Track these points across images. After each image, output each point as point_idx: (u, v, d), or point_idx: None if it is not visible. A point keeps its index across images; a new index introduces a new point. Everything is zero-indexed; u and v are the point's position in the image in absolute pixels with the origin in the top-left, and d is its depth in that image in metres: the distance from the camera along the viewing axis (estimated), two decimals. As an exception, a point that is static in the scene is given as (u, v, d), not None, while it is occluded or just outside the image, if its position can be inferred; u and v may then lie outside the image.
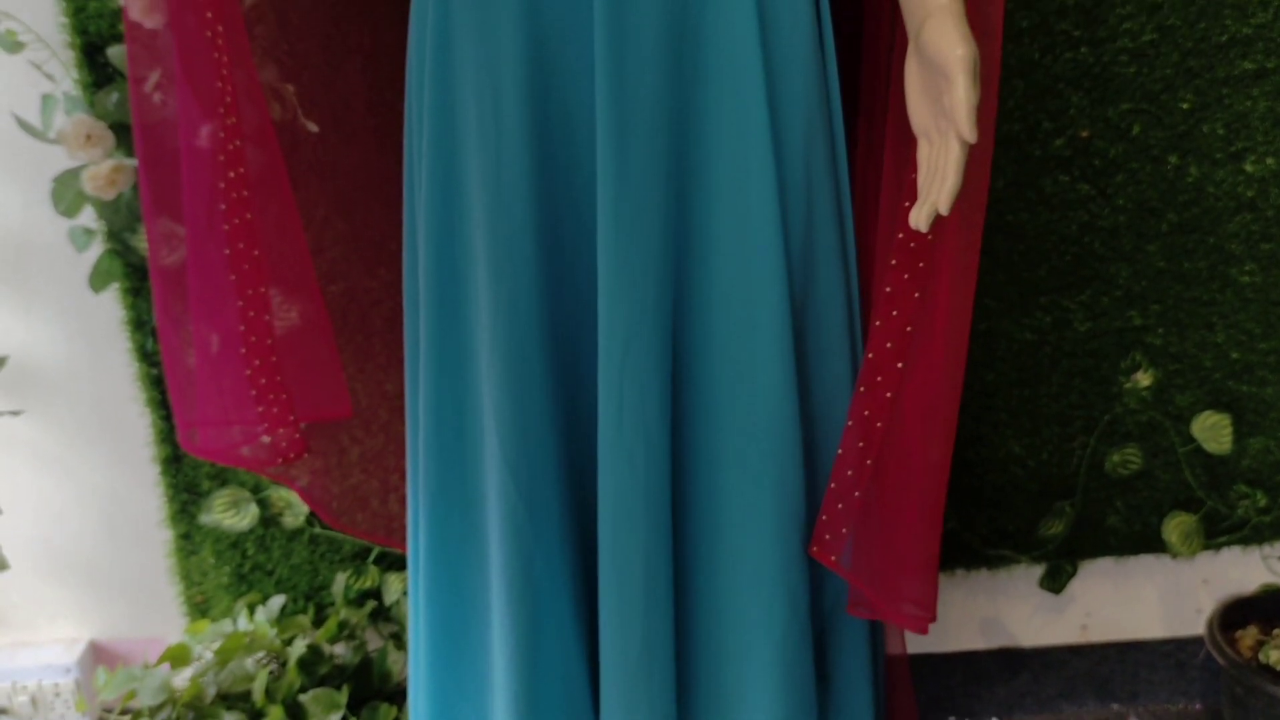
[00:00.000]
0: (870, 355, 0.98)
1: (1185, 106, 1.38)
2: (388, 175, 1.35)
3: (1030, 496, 1.51)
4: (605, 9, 0.90)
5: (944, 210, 0.84)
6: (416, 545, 1.09)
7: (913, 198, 0.92)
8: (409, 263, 1.09)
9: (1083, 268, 1.43)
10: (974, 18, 0.88)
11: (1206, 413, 1.47)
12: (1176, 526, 1.49)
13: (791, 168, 0.95)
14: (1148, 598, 1.58)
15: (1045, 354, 1.46)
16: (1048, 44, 1.36)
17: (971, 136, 0.82)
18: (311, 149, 1.31)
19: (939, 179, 0.86)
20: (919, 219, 0.86)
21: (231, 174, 1.12)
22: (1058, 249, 1.43)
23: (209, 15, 1.07)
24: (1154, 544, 1.53)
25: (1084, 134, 1.39)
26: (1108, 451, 1.49)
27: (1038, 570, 1.55)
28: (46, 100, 1.27)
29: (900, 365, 0.98)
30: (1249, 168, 1.40)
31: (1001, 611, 1.58)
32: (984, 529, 1.52)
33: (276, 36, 1.26)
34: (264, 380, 1.12)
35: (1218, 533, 1.52)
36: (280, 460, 1.09)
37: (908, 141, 0.93)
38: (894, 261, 0.97)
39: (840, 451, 1.00)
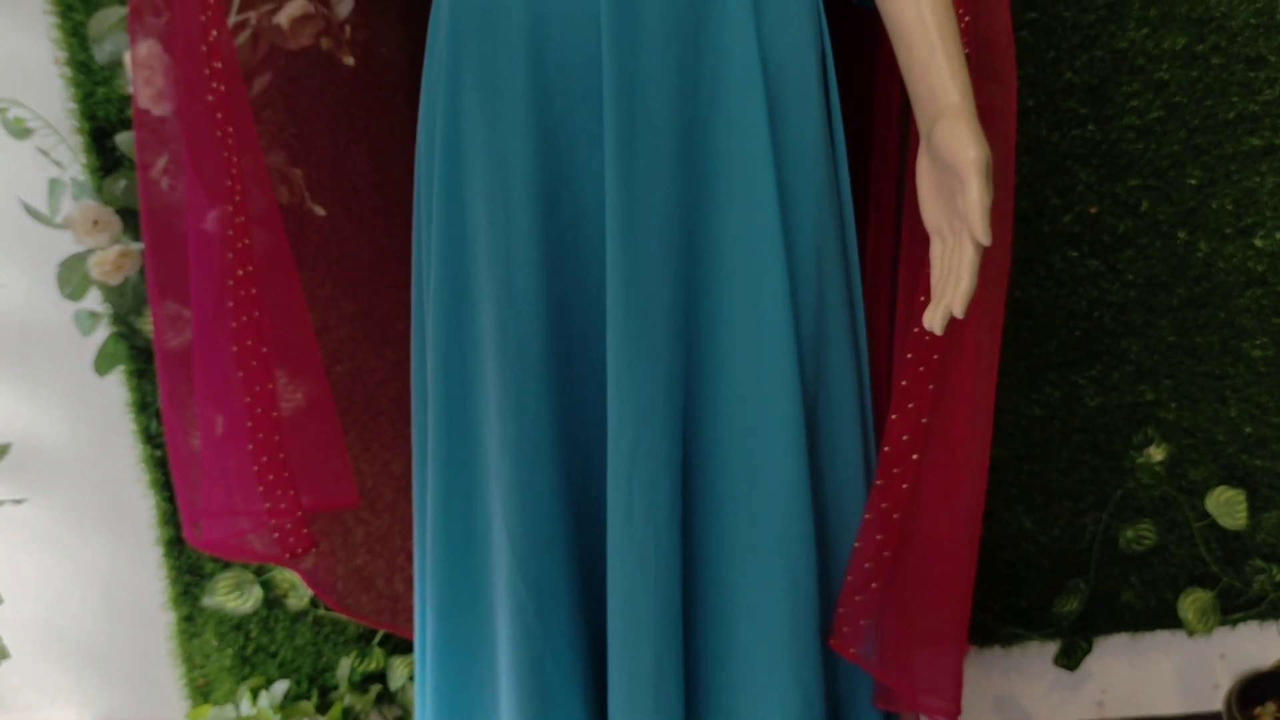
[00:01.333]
0: (886, 448, 0.97)
1: (1193, 182, 1.38)
2: (395, 255, 1.35)
3: (1043, 573, 1.49)
4: (615, 106, 0.90)
5: (959, 313, 0.84)
6: (424, 637, 1.07)
7: (928, 293, 0.91)
8: (417, 347, 1.08)
9: (1093, 343, 1.42)
10: (987, 117, 0.88)
11: (1221, 487, 1.45)
12: (1192, 604, 1.47)
13: (803, 260, 0.94)
14: (1164, 673, 1.56)
15: (1055, 429, 1.45)
16: (1055, 121, 1.36)
17: (986, 240, 0.82)
18: (318, 230, 1.31)
19: (953, 280, 0.85)
20: (933, 321, 0.85)
21: (237, 257, 1.11)
22: (1067, 324, 1.42)
23: (216, 102, 1.07)
24: (1170, 619, 1.51)
25: (1093, 210, 1.38)
26: (1121, 527, 1.47)
27: (1052, 647, 1.53)
28: (54, 185, 1.27)
29: (916, 457, 0.97)
30: (1259, 243, 1.39)
31: (1016, 689, 1.56)
32: (997, 606, 1.50)
33: (284, 121, 1.26)
34: (270, 470, 1.11)
35: (1234, 608, 1.50)
36: (287, 555, 1.08)
37: (921, 237, 0.92)
38: (909, 355, 0.96)
39: (858, 544, 0.99)
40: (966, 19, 0.91)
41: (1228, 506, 1.45)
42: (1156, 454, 1.45)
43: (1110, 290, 1.41)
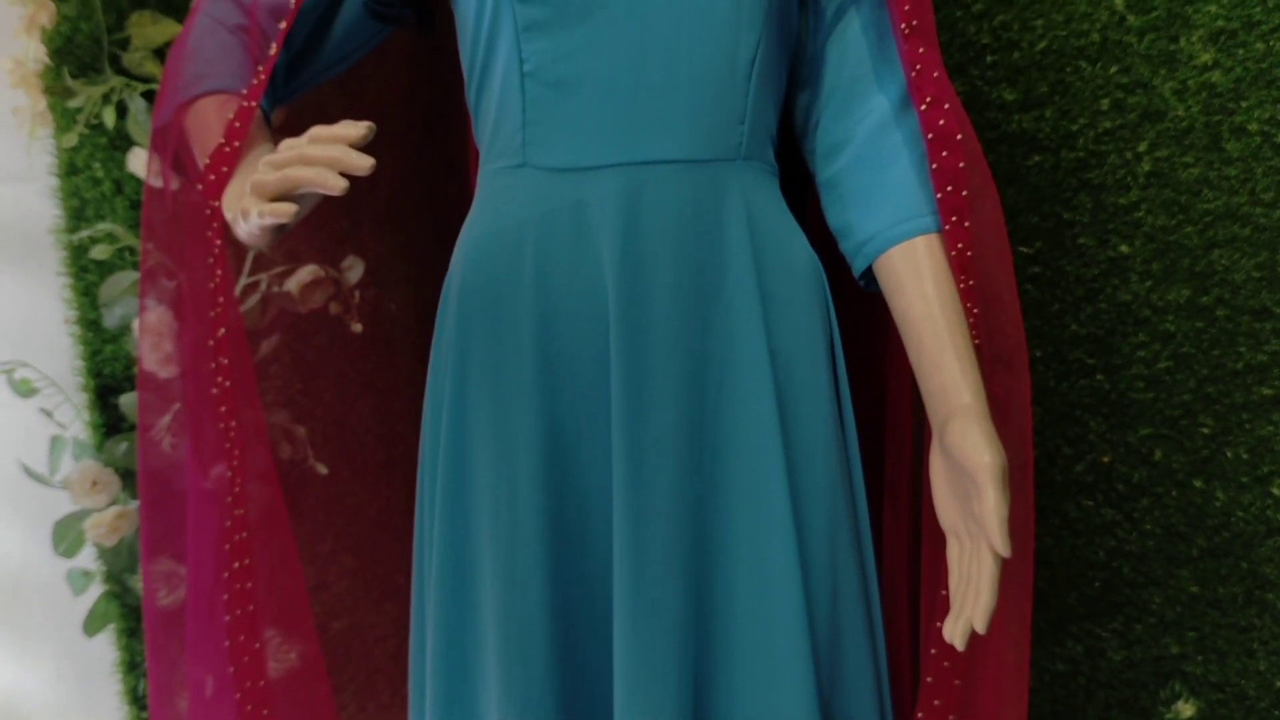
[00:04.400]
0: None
1: (1206, 431, 1.36)
2: (398, 508, 1.33)
3: (1074, 837, 1.41)
4: (623, 400, 0.89)
5: (980, 629, 0.80)
6: None
7: (947, 585, 0.88)
8: (417, 607, 1.05)
9: (1113, 594, 1.38)
10: (1000, 409, 0.86)
11: (1255, 746, 1.39)
12: None
13: (815, 551, 0.91)
14: None
15: (1080, 685, 1.39)
16: (1063, 371, 1.35)
17: (1005, 552, 0.79)
18: (320, 484, 1.29)
19: (973, 591, 0.82)
20: (954, 635, 0.82)
21: (235, 516, 1.10)
22: (1086, 575, 1.38)
23: (220, 367, 1.07)
24: None
25: (1105, 460, 1.37)
26: (1154, 788, 1.40)
27: None
28: (55, 442, 1.26)
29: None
30: (1276, 491, 1.37)
31: None
32: None
33: (290, 376, 1.26)
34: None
35: None
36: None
37: (939, 534, 0.90)
38: (933, 650, 0.92)
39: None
40: (975, 311, 0.91)
41: (1264, 766, 1.38)
42: (1186, 710, 1.39)
43: (1128, 540, 1.38)
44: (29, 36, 1.18)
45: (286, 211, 0.79)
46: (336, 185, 0.77)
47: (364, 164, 0.76)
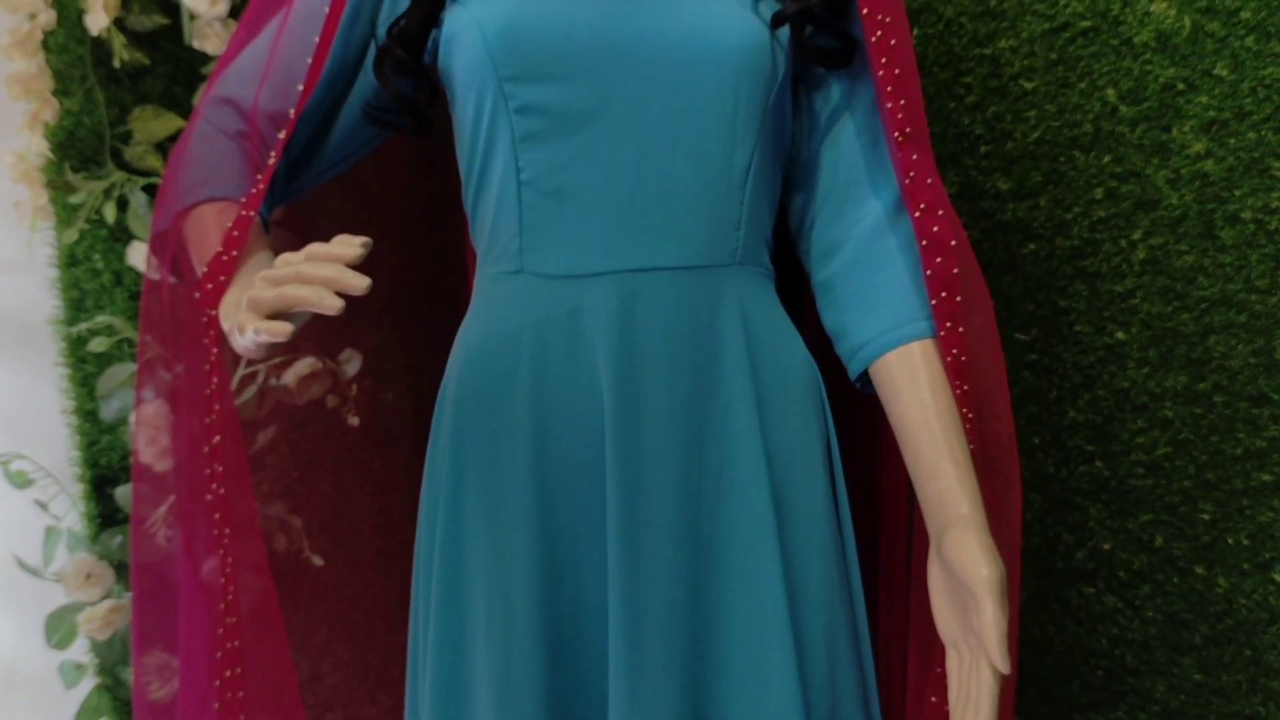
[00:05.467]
0: None
1: (1206, 518, 1.35)
2: (394, 599, 1.32)
3: None
4: (619, 506, 0.89)
5: (980, 748, 0.79)
6: None
7: (939, 693, 0.88)
8: (410, 711, 1.04)
9: (1116, 683, 1.37)
10: (994, 517, 0.86)
11: (1264, 838, 1.37)
12: None
13: (814, 659, 0.91)
14: None
15: (1085, 775, 1.38)
16: (1061, 458, 1.35)
17: (1005, 669, 0.79)
18: (316, 575, 1.29)
19: (972, 707, 0.81)
20: (954, 751, 0.81)
21: (227, 607, 1.09)
22: (1088, 663, 1.37)
23: (214, 463, 1.07)
24: None
25: (1106, 546, 1.36)
26: None
27: None
28: (50, 533, 1.25)
29: None
30: (1279, 577, 1.36)
31: None
32: None
33: (287, 466, 1.26)
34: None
35: None
36: None
37: (932, 629, 0.89)
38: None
39: None
40: (970, 416, 0.91)
41: None
42: (1192, 800, 1.37)
43: (1130, 628, 1.36)
44: (32, 132, 1.19)
45: (282, 331, 0.79)
46: (333, 306, 0.77)
47: (360, 284, 0.77)
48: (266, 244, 0.95)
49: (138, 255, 1.23)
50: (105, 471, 1.26)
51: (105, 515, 1.26)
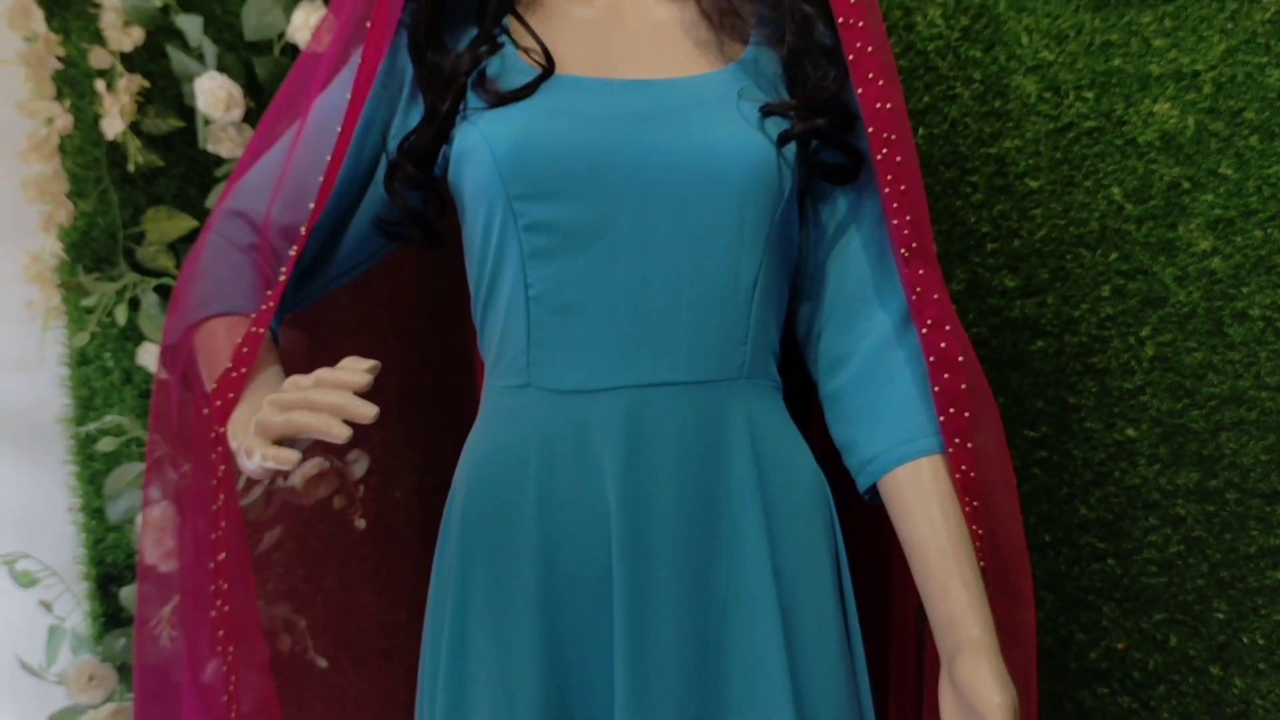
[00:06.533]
0: None
1: (1221, 617, 1.34)
2: (398, 699, 1.31)
3: None
4: (627, 621, 0.88)
5: None
6: None
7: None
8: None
9: (1133, 786, 1.34)
10: (1005, 637, 0.85)
11: None
12: None
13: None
14: None
15: None
16: (1073, 556, 1.34)
17: (1020, 801, 0.77)
18: (320, 675, 1.27)
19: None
20: None
21: (229, 709, 1.08)
22: (1104, 766, 1.35)
23: (219, 573, 1.06)
24: None
25: (1120, 646, 1.34)
26: None
27: None
28: (53, 633, 1.25)
29: None
30: (1295, 678, 1.34)
31: None
32: None
33: (292, 565, 1.26)
34: None
35: None
36: None
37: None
38: None
39: None
40: (980, 532, 0.90)
41: None
42: None
43: (1146, 729, 1.34)
44: (46, 233, 1.20)
45: (290, 460, 0.79)
46: (341, 434, 0.77)
47: (369, 413, 0.77)
48: (276, 357, 0.95)
49: (148, 355, 1.23)
50: (110, 570, 1.26)
51: (109, 614, 1.26)
